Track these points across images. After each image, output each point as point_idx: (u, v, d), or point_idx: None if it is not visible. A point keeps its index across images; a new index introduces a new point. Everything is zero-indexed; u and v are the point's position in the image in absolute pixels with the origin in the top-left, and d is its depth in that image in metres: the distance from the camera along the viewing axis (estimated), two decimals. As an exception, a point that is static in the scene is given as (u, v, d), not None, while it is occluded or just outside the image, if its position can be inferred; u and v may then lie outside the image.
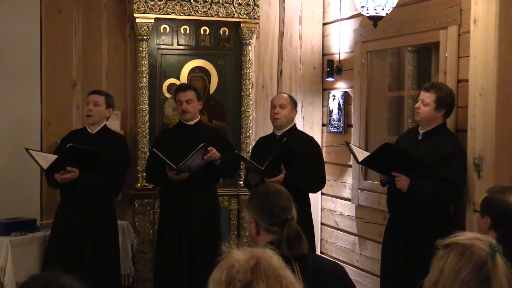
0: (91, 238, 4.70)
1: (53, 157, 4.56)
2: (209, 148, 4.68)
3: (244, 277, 1.52)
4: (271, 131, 5.03)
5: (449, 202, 4.27)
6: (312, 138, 5.02)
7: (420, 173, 4.11)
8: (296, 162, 4.56)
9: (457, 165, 4.13)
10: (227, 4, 5.76)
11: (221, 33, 5.86)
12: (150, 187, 5.53)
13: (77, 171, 4.52)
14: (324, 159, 6.12)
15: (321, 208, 6.26)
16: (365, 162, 4.36)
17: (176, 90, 5.06)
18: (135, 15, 5.52)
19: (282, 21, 6.21)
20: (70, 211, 4.69)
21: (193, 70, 5.82)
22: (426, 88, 4.27)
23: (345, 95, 5.87)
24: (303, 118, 6.21)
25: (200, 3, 5.71)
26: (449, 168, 4.09)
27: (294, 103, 4.88)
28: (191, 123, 4.96)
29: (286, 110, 4.80)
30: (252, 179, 4.69)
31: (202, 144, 4.59)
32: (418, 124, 4.39)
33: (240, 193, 5.77)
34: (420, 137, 4.32)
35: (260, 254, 1.58)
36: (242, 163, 5.37)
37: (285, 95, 4.94)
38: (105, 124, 4.89)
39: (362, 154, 4.43)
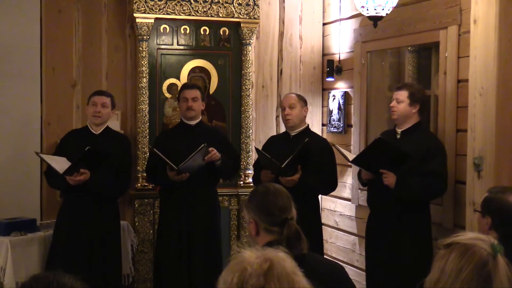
0: (99, 238, 4.72)
1: (62, 159, 4.57)
2: (210, 149, 4.67)
3: (256, 282, 1.49)
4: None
5: (437, 196, 4.38)
6: (325, 140, 5.01)
7: (405, 168, 4.20)
8: (310, 163, 4.55)
9: (441, 160, 4.29)
10: (227, 4, 5.76)
11: (221, 33, 5.86)
12: (150, 187, 5.53)
13: (88, 172, 4.54)
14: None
15: (321, 208, 6.26)
16: (357, 160, 4.40)
17: (182, 87, 5.06)
18: (135, 15, 5.52)
19: (282, 21, 6.21)
20: (76, 212, 4.69)
21: (193, 70, 5.82)
22: (397, 87, 4.49)
23: (345, 95, 5.87)
24: (303, 118, 6.20)
25: (200, 3, 5.71)
26: (435, 163, 4.24)
27: (303, 101, 4.86)
28: (193, 123, 4.95)
29: (296, 110, 4.78)
30: (264, 177, 4.61)
31: (203, 145, 4.58)
32: (394, 126, 4.53)
33: (240, 193, 5.76)
34: (398, 136, 4.44)
35: (274, 257, 1.55)
36: (240, 161, 5.36)
37: (293, 95, 4.92)
38: (107, 124, 4.90)
39: (349, 154, 4.54)
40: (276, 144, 4.89)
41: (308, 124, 4.94)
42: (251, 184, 5.54)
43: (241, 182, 5.82)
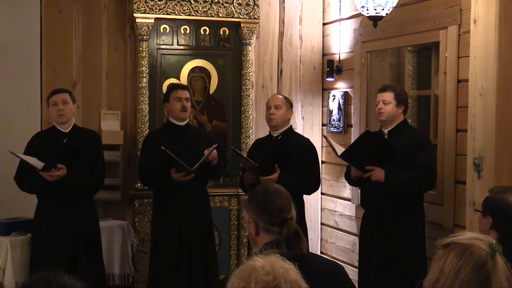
0: (79, 238, 4.67)
1: (33, 158, 4.49)
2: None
3: None
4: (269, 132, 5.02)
5: (427, 187, 4.40)
6: (308, 140, 4.98)
7: (395, 165, 4.25)
8: (291, 163, 4.55)
9: (428, 152, 4.38)
10: (227, 4, 5.76)
11: (221, 33, 5.86)
12: (150, 187, 5.52)
13: (65, 168, 4.48)
14: (324, 160, 6.14)
15: (321, 208, 6.26)
16: (345, 155, 4.40)
17: (172, 88, 4.98)
18: (135, 15, 5.52)
19: (282, 21, 6.21)
20: (53, 214, 4.62)
21: (193, 70, 5.83)
22: (381, 89, 4.53)
23: (345, 95, 5.87)
24: (303, 118, 6.20)
25: (200, 3, 5.71)
26: (423, 155, 4.32)
27: (289, 104, 4.87)
28: (183, 123, 4.94)
29: (281, 111, 4.79)
30: (246, 179, 4.66)
31: (215, 145, 4.65)
32: (380, 127, 4.58)
33: (240, 193, 5.76)
34: (386, 136, 4.49)
35: (281, 274, 1.55)
36: (227, 162, 5.36)
37: (280, 96, 4.95)
38: (74, 122, 4.82)
39: (339, 148, 4.53)
40: (261, 146, 4.89)
41: (291, 125, 4.93)
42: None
43: (241, 182, 5.82)
